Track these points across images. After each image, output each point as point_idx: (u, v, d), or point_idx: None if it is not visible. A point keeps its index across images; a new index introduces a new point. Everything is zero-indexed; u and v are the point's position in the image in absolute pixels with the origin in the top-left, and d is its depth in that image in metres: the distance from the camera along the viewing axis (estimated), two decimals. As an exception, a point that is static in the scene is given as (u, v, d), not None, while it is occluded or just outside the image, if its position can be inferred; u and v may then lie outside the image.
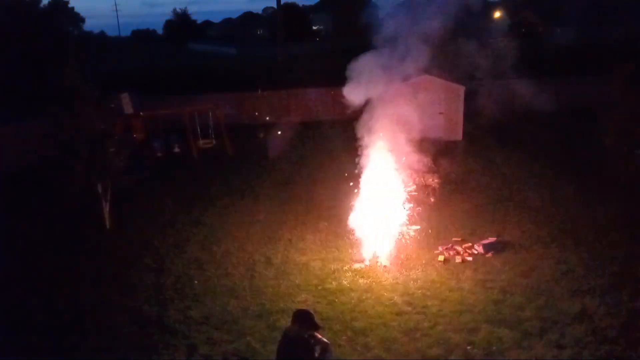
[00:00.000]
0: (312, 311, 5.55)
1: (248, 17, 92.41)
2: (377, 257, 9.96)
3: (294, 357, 5.29)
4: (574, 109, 21.05)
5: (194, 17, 77.75)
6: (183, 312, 8.66)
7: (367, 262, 9.90)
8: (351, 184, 10.69)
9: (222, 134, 19.23)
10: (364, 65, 9.76)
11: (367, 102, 10.16)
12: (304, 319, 5.30)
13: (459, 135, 19.07)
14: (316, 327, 5.28)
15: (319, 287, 9.18)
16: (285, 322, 7.18)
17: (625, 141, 12.90)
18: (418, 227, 10.71)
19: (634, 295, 8.51)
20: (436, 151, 13.08)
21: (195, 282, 9.67)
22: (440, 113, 18.92)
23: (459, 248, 10.35)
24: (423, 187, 11.08)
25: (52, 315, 8.81)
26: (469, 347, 7.39)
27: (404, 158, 10.12)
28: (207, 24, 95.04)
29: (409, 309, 8.41)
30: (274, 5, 38.35)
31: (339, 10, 66.23)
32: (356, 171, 10.42)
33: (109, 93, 19.38)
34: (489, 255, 10.08)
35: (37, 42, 21.67)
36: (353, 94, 9.80)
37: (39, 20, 24.64)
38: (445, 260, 9.95)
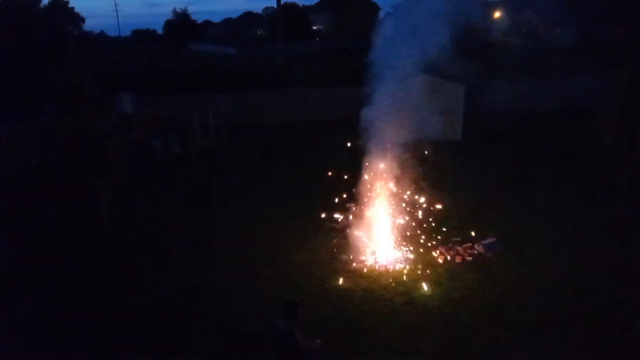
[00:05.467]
0: (297, 301, 5.82)
1: (248, 17, 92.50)
2: (377, 257, 9.95)
3: (284, 355, 5.47)
4: (574, 109, 21.04)
5: (194, 17, 77.65)
6: (183, 312, 8.66)
7: (367, 263, 9.89)
8: (352, 184, 10.68)
9: (222, 133, 19.24)
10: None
11: (367, 102, 10.16)
12: (288, 313, 5.56)
13: (459, 135, 19.06)
14: (295, 318, 5.54)
15: (319, 288, 9.18)
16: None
17: (625, 141, 12.90)
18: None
19: (634, 295, 8.51)
20: (436, 151, 13.05)
21: (195, 282, 9.66)
22: (440, 113, 18.88)
23: (459, 248, 10.35)
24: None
25: (52, 315, 8.80)
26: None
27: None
28: (207, 24, 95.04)
29: (409, 309, 8.41)
30: (274, 5, 38.35)
31: (339, 10, 66.42)
32: (356, 172, 10.42)
33: (109, 93, 19.46)
34: (489, 255, 10.08)
35: (37, 42, 21.63)
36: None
37: (39, 20, 24.61)
38: (445, 260, 9.95)
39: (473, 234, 11.00)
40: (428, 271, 9.57)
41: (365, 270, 9.69)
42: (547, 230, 11.10)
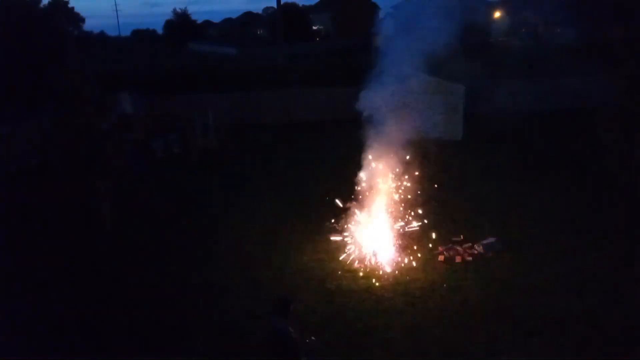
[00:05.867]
0: (290, 297, 5.87)
1: (248, 17, 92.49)
2: (377, 257, 9.94)
3: (280, 353, 5.52)
4: (574, 109, 21.04)
5: (194, 17, 77.83)
6: (182, 312, 8.66)
7: (367, 263, 9.89)
8: (352, 184, 10.69)
9: (222, 134, 19.22)
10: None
11: (367, 102, 10.17)
12: (281, 309, 5.62)
13: (459, 135, 19.06)
14: (289, 314, 5.60)
15: (319, 288, 9.18)
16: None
17: (625, 141, 12.90)
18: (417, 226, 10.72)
19: (634, 295, 8.51)
20: (436, 151, 13.07)
21: (195, 282, 9.66)
22: (440, 113, 18.90)
23: (459, 248, 10.34)
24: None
25: (52, 315, 8.80)
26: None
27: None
28: (207, 24, 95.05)
29: (409, 309, 8.41)
30: (274, 5, 38.37)
31: (339, 10, 66.42)
32: (356, 172, 10.42)
33: (109, 93, 19.47)
34: (489, 255, 10.08)
35: (37, 42, 21.62)
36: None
37: (39, 20, 24.58)
38: (446, 260, 9.95)
39: (473, 234, 11.01)
40: (428, 271, 9.57)
41: (365, 270, 9.69)
42: (547, 230, 11.10)
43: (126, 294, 9.37)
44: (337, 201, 11.04)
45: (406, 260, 9.92)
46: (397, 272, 9.55)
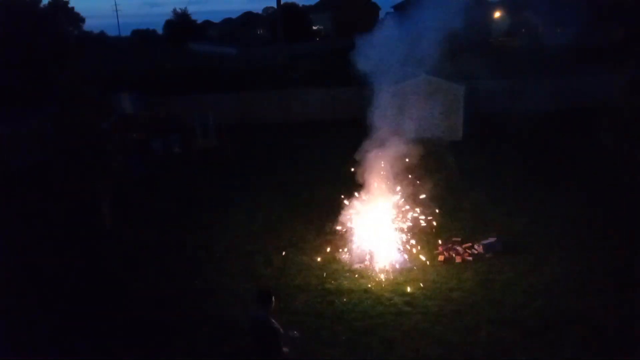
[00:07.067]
0: (271, 290, 6.02)
1: (248, 17, 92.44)
2: (377, 257, 9.94)
3: (263, 344, 5.68)
4: (574, 108, 21.03)
5: (194, 17, 78.04)
6: (183, 312, 8.66)
7: (367, 263, 9.88)
8: (351, 184, 10.69)
9: (222, 134, 19.25)
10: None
11: (367, 103, 10.18)
12: (262, 301, 5.77)
13: (459, 135, 19.05)
14: (270, 306, 5.79)
15: (319, 288, 9.18)
16: (285, 322, 7.18)
17: (625, 141, 12.90)
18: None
19: (634, 295, 8.51)
20: (436, 151, 13.09)
21: (195, 282, 9.66)
22: (440, 113, 18.89)
23: (459, 248, 10.34)
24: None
25: (52, 315, 8.80)
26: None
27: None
28: (207, 24, 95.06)
29: (409, 309, 8.41)
30: (274, 5, 38.40)
31: (339, 10, 66.43)
32: (356, 172, 10.42)
33: (109, 93, 19.49)
34: (489, 255, 10.08)
35: (37, 42, 21.64)
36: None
37: (39, 20, 24.61)
38: (445, 260, 9.95)
39: (473, 234, 11.01)
40: (428, 271, 9.57)
41: (365, 270, 9.69)
42: (547, 230, 11.09)
43: (126, 294, 9.37)
44: (344, 200, 11.03)
45: (406, 260, 9.92)
46: (396, 272, 9.55)
